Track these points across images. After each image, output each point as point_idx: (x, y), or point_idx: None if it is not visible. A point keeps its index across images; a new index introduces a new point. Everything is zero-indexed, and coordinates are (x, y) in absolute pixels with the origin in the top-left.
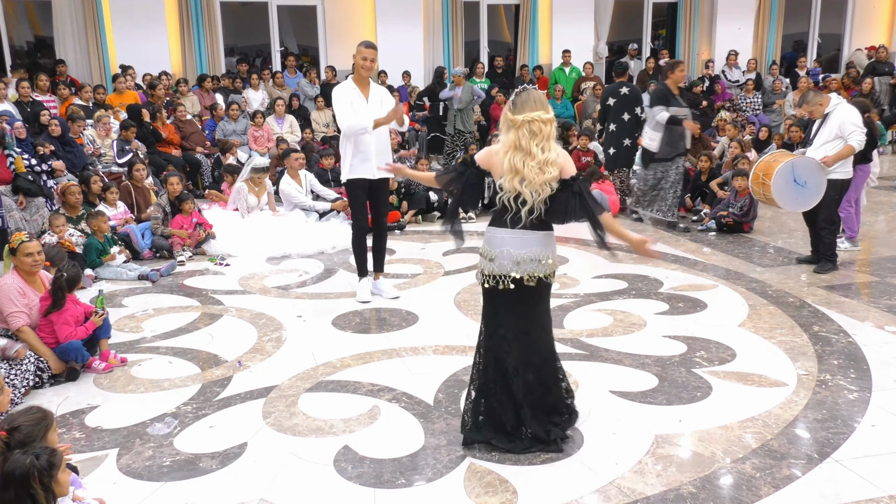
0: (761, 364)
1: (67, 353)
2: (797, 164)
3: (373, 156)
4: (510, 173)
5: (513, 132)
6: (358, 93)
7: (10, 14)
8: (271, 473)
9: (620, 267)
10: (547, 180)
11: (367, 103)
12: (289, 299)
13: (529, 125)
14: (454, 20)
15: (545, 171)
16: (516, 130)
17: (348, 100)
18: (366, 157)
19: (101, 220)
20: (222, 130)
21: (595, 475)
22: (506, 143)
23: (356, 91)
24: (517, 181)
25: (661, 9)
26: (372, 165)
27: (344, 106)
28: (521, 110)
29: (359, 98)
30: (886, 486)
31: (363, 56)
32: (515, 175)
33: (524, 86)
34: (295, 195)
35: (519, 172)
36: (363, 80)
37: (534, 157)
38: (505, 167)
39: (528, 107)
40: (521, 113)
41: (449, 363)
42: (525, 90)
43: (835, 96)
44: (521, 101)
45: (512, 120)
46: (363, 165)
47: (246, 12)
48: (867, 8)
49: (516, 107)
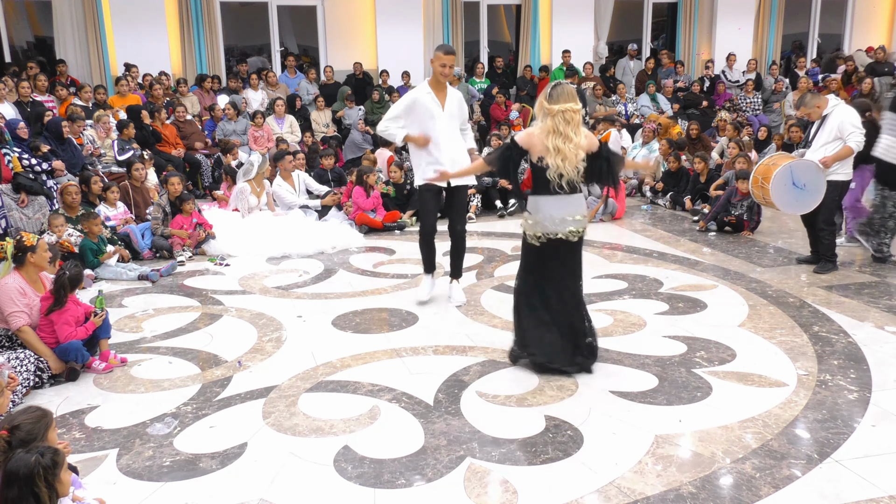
0: (761, 364)
1: (67, 354)
2: (795, 166)
3: (447, 163)
4: (554, 153)
5: (549, 119)
6: (433, 98)
7: (10, 14)
8: (271, 473)
9: (620, 267)
10: (581, 158)
11: (444, 111)
12: (289, 299)
13: (563, 114)
14: (454, 20)
15: (578, 152)
16: (552, 118)
17: (412, 104)
18: (438, 163)
19: (94, 223)
20: (222, 130)
21: (595, 475)
22: (544, 127)
23: (431, 96)
24: (559, 159)
25: (661, 9)
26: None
27: (398, 109)
28: (556, 101)
29: (434, 105)
30: (886, 486)
31: (441, 63)
32: (558, 154)
33: (559, 80)
34: (286, 196)
35: (561, 152)
36: (440, 85)
37: (570, 140)
38: (550, 148)
39: (562, 98)
40: (556, 104)
41: (449, 363)
42: (560, 84)
43: (833, 97)
44: (557, 93)
45: (548, 109)
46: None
47: (246, 12)
48: (867, 8)
49: (552, 98)
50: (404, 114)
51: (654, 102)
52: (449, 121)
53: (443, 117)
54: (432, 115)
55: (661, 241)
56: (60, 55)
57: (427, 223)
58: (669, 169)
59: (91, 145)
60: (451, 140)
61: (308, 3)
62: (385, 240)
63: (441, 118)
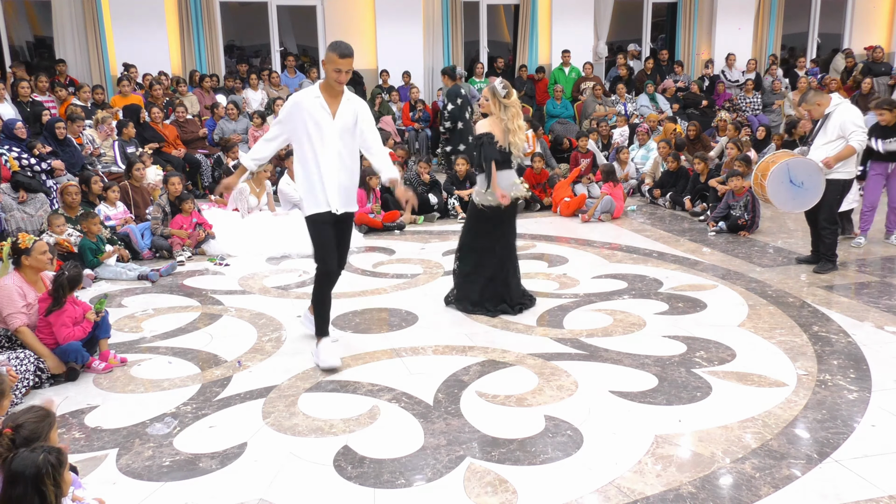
0: (761, 364)
1: (67, 355)
2: (792, 164)
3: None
4: (513, 136)
5: (511, 108)
6: (322, 103)
7: (10, 14)
8: (271, 473)
9: (620, 267)
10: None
11: (334, 120)
12: (289, 299)
13: (516, 104)
14: (454, 20)
15: (523, 136)
16: (513, 108)
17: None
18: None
19: (92, 222)
20: (222, 130)
21: (595, 475)
22: (506, 115)
23: (320, 101)
24: (518, 138)
25: (661, 9)
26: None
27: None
28: (510, 95)
29: (322, 112)
30: (886, 486)
31: (336, 67)
32: (515, 136)
33: (501, 79)
34: (293, 195)
35: (516, 135)
36: (334, 91)
37: (521, 128)
38: (514, 129)
39: (511, 95)
40: (511, 97)
41: (449, 363)
42: (503, 81)
43: (836, 96)
44: (508, 89)
45: (506, 102)
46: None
47: (246, 12)
48: (867, 8)
49: (507, 93)
50: (286, 121)
51: (654, 102)
52: (341, 135)
53: (333, 129)
54: (318, 124)
55: (661, 241)
56: (60, 55)
57: (329, 261)
58: (669, 169)
59: (91, 145)
60: (342, 161)
61: (308, 3)
62: (385, 240)
63: (330, 130)
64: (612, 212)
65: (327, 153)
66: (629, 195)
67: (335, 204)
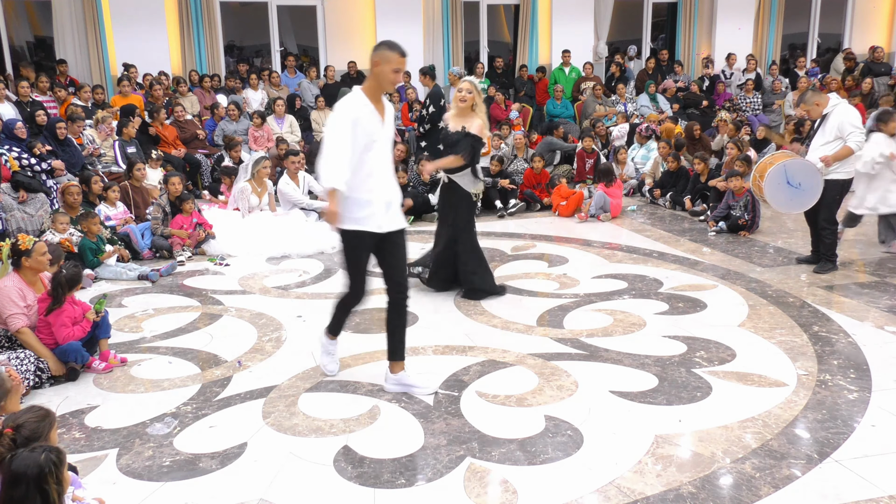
0: (761, 364)
1: (67, 355)
2: (789, 165)
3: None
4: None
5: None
6: (373, 111)
7: (10, 14)
8: (271, 473)
9: (620, 267)
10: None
11: (383, 129)
12: (289, 299)
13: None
14: (454, 20)
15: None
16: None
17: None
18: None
19: (92, 222)
20: (223, 130)
21: (595, 475)
22: (480, 115)
23: (370, 109)
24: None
25: (661, 9)
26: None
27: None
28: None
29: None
30: (886, 486)
31: (395, 67)
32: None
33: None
34: (293, 194)
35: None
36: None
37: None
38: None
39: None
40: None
41: (449, 363)
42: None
43: (834, 96)
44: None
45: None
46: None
47: (246, 12)
48: (867, 8)
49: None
50: (351, 141)
51: (654, 102)
52: (387, 144)
53: (385, 138)
54: (371, 135)
55: (661, 240)
56: (60, 55)
57: (356, 285)
58: (669, 169)
59: (91, 145)
60: (391, 172)
61: (308, 3)
62: None
63: (382, 139)
64: (608, 208)
65: (380, 166)
66: (629, 195)
67: (382, 222)
